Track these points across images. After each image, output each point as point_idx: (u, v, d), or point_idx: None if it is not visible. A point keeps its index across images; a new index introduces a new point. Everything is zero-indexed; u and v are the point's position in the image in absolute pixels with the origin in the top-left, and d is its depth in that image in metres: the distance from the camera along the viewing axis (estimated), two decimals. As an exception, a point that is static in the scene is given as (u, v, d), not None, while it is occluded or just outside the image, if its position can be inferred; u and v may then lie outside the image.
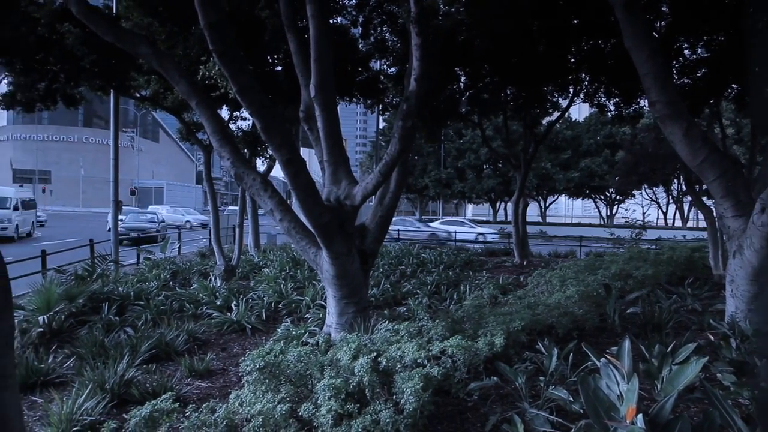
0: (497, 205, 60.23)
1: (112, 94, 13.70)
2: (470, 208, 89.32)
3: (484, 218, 64.26)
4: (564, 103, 17.87)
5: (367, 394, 4.33)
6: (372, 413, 4.07)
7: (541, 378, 4.96)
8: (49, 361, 6.55)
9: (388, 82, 14.62)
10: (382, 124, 45.09)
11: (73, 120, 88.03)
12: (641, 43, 6.67)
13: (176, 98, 13.04)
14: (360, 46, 13.78)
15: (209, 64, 8.59)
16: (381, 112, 19.67)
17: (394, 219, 12.12)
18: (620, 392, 3.71)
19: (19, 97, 11.60)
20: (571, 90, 16.48)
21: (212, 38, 5.98)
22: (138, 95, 14.10)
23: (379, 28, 13.41)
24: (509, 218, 36.61)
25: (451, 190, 53.70)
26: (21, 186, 45.12)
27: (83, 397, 5.14)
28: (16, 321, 6.67)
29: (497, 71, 14.19)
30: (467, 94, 16.26)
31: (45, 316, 7.76)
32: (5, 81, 12.16)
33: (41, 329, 7.64)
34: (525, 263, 17.56)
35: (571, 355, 5.49)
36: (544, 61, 13.19)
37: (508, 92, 16.41)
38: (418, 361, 4.57)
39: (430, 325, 6.17)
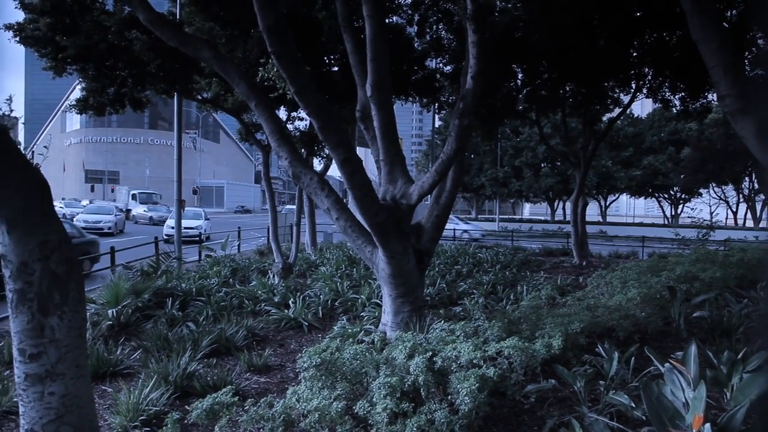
0: (555, 204, 59.01)
1: (175, 96, 14.20)
2: (527, 207, 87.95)
3: (542, 217, 63.15)
4: (626, 98, 17.31)
5: (422, 394, 4.31)
6: (427, 413, 4.06)
7: (601, 382, 4.83)
8: (118, 352, 6.84)
9: (444, 80, 14.55)
10: (437, 123, 44.88)
11: (140, 122, 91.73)
12: (710, 33, 6.38)
13: (236, 100, 13.38)
14: (416, 44, 13.77)
15: (268, 65, 8.76)
16: (437, 110, 19.59)
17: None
18: (686, 399, 3.56)
19: (91, 101, 12.22)
20: (634, 85, 15.94)
21: (271, 40, 6.09)
22: (200, 97, 14.55)
23: (434, 27, 13.36)
24: (568, 217, 35.82)
25: (507, 189, 53.01)
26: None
27: (148, 388, 5.34)
28: (87, 314, 6.99)
29: (556, 67, 13.89)
30: (524, 91, 16.00)
31: (114, 310, 8.11)
32: (79, 87, 12.79)
33: (110, 322, 7.99)
34: (584, 264, 17.12)
35: (633, 359, 5.31)
36: (605, 55, 12.82)
37: (567, 89, 16.04)
38: (473, 361, 4.52)
39: (486, 325, 6.10)
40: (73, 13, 10.50)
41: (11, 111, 3.71)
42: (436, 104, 16.96)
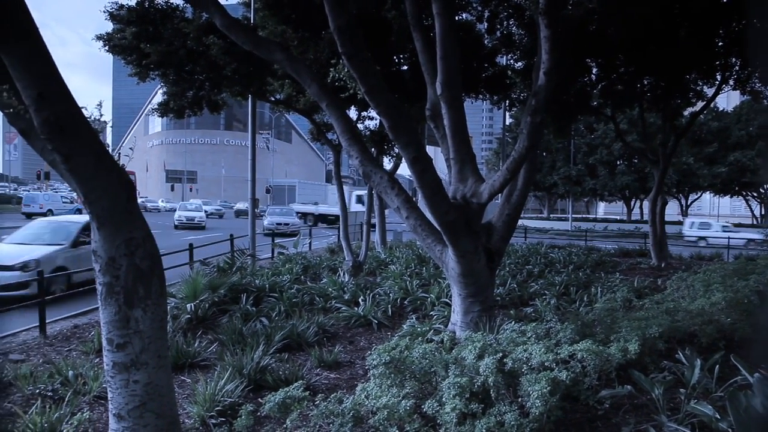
0: (632, 203, 56.77)
1: (249, 98, 14.67)
2: (602, 206, 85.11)
3: (617, 217, 60.96)
4: (710, 91, 16.41)
5: (492, 395, 4.26)
6: (496, 414, 4.00)
7: (681, 390, 4.60)
8: (195, 345, 7.13)
9: (515, 77, 14.29)
10: (508, 121, 44.10)
11: (216, 124, 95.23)
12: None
13: (308, 100, 13.66)
14: (486, 41, 13.60)
15: (339, 66, 8.87)
16: (508, 108, 19.23)
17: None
18: (777, 411, 3.34)
19: (172, 104, 12.84)
20: (719, 77, 15.08)
21: (341, 41, 6.17)
22: (273, 99, 14.95)
23: (505, 22, 13.14)
24: (645, 217, 34.39)
25: (581, 188, 51.45)
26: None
27: (224, 380, 5.53)
28: (168, 307, 7.32)
29: (633, 60, 13.36)
30: (599, 86, 15.48)
31: (192, 304, 8.46)
32: (161, 91, 13.44)
33: (189, 316, 8.33)
34: (663, 265, 16.38)
35: (717, 367, 5.03)
36: (687, 46, 12.20)
37: (645, 82, 15.39)
38: (545, 363, 4.42)
39: (559, 327, 5.95)
40: (156, 22, 11.03)
41: (101, 115, 3.93)
42: (507, 101, 16.68)
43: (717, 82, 15.36)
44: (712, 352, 5.58)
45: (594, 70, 14.76)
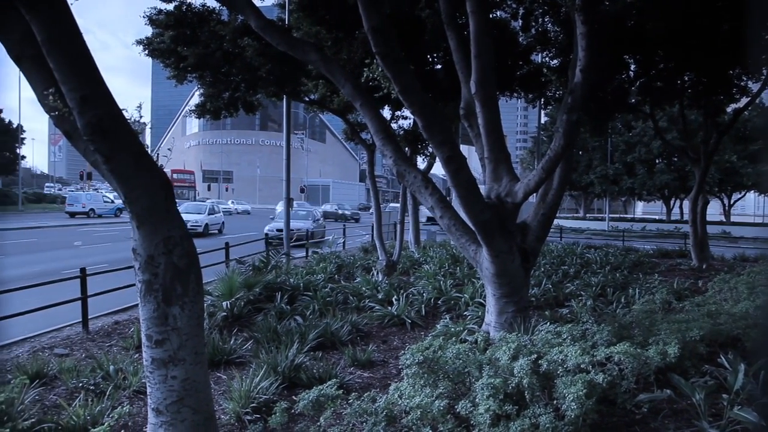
0: (671, 202, 55.41)
1: (284, 99, 14.83)
2: (640, 206, 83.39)
3: (656, 216, 59.64)
4: (755, 87, 15.88)
5: (527, 397, 4.21)
6: (531, 416, 3.96)
7: (724, 396, 4.46)
8: (231, 342, 7.25)
9: (550, 74, 14.09)
10: (543, 119, 43.56)
11: (251, 125, 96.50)
12: None
13: (342, 100, 13.73)
14: (520, 39, 13.45)
15: (372, 66, 8.89)
16: (543, 106, 18.97)
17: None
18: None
19: (209, 106, 13.08)
20: (765, 71, 14.58)
21: (375, 41, 6.18)
22: (307, 99, 15.09)
23: (540, 20, 12.98)
24: (685, 217, 33.56)
25: (618, 187, 50.41)
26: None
27: (259, 377, 5.61)
28: (205, 305, 7.46)
29: (673, 56, 13.02)
30: (638, 83, 15.15)
31: (228, 302, 8.60)
32: (198, 93, 13.71)
33: (225, 314, 8.47)
34: (704, 267, 15.93)
35: (763, 372, 4.87)
36: (731, 40, 11.84)
37: (686, 78, 14.98)
38: (581, 366, 4.35)
39: (595, 328, 5.85)
40: (193, 25, 11.25)
41: (141, 117, 4.02)
42: (542, 99, 16.46)
43: (763, 77, 14.86)
44: (757, 357, 5.40)
45: (632, 67, 14.44)
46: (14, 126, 52.22)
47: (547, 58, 14.78)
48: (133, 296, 4.53)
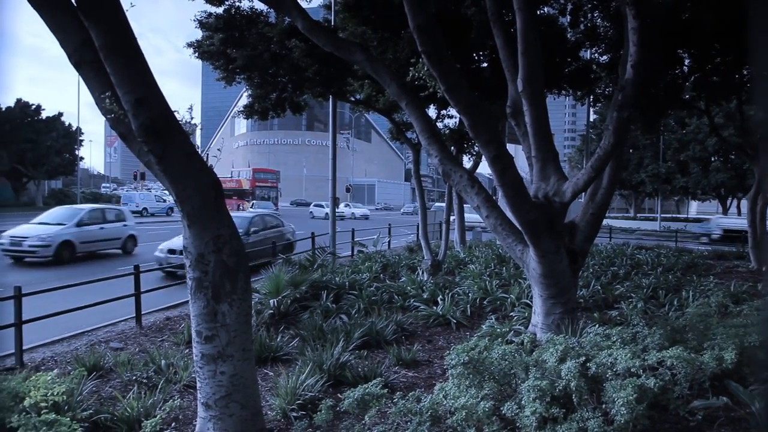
0: (728, 202, 53.38)
1: (330, 99, 14.96)
2: (694, 206, 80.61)
3: (711, 216, 57.54)
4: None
5: (574, 400, 4.13)
6: (578, 420, 3.88)
7: (786, 404, 4.28)
8: (278, 339, 7.36)
9: (600, 71, 13.78)
10: (592, 117, 42.61)
11: (298, 125, 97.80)
12: None
13: (387, 100, 13.76)
14: (569, 35, 13.19)
15: (418, 65, 8.86)
16: (592, 103, 18.58)
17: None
18: None
19: (256, 107, 13.34)
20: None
21: (421, 40, 6.17)
22: (353, 99, 15.17)
23: (589, 15, 12.69)
24: (743, 217, 32.23)
25: (671, 186, 48.95)
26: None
27: (305, 374, 5.68)
28: (252, 303, 7.60)
29: (730, 49, 12.52)
30: (692, 78, 14.66)
31: (275, 300, 8.73)
32: (246, 94, 13.98)
33: (271, 311, 8.61)
34: (764, 269, 15.30)
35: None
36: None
37: (744, 72, 14.40)
38: (631, 369, 4.24)
39: (646, 332, 5.69)
40: (241, 28, 11.48)
41: (191, 118, 4.14)
42: (591, 97, 16.12)
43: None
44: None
45: (686, 61, 13.97)
46: (74, 129, 54.37)
47: (596, 54, 14.46)
48: (184, 293, 4.66)
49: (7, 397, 4.77)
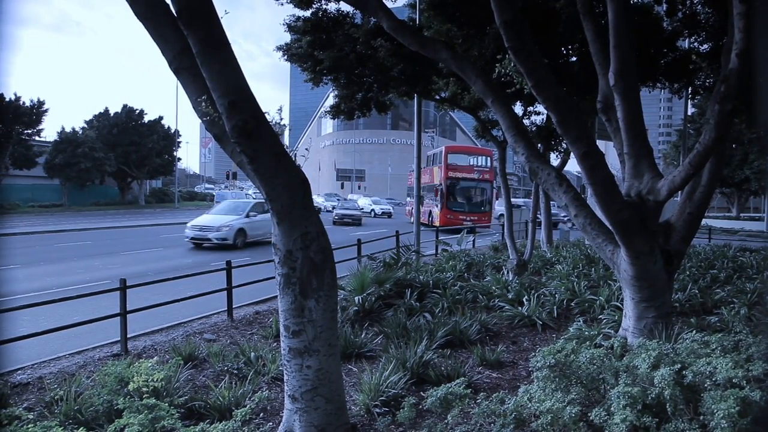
0: None
1: (415, 98, 14.98)
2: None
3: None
4: None
5: (668, 409, 3.93)
6: (673, 431, 3.69)
7: None
8: (362, 336, 7.49)
9: (700, 61, 12.97)
10: (691, 110, 40.25)
11: (383, 124, 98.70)
12: None
13: (472, 98, 13.63)
14: (665, 24, 12.51)
15: (504, 61, 8.74)
16: (690, 96, 17.54)
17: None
18: None
19: (342, 107, 13.60)
20: None
21: (508, 35, 6.08)
22: (438, 97, 15.14)
23: (688, 2, 11.99)
24: None
25: (780, 183, 45.39)
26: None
27: (388, 371, 5.75)
28: (338, 299, 7.77)
29: None
30: (806, 67, 13.52)
31: (360, 297, 8.87)
32: (332, 95, 14.29)
33: (356, 308, 8.75)
34: None
35: None
36: None
37: None
38: (733, 380, 3.98)
39: (751, 340, 5.32)
40: (328, 30, 11.73)
41: (281, 119, 4.30)
42: (690, 89, 15.22)
43: None
44: None
45: (799, 49, 12.93)
46: (172, 131, 57.62)
47: (695, 44, 13.63)
48: (273, 288, 4.82)
49: (114, 380, 5.15)
